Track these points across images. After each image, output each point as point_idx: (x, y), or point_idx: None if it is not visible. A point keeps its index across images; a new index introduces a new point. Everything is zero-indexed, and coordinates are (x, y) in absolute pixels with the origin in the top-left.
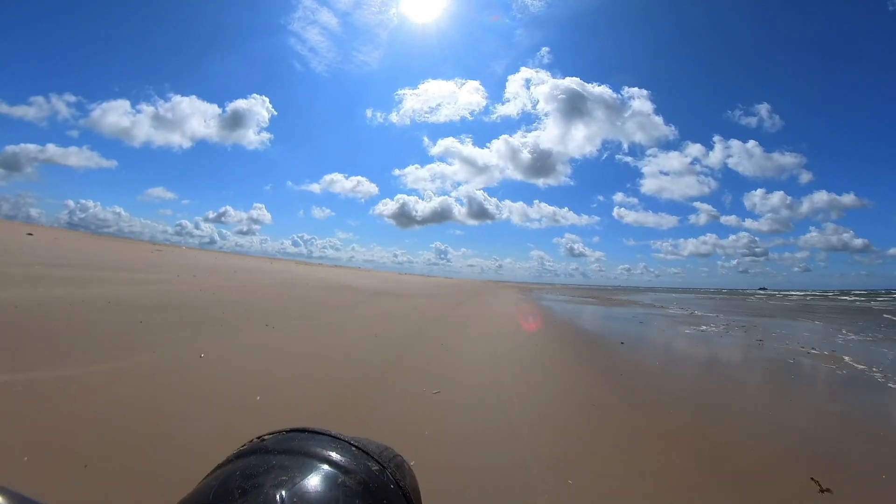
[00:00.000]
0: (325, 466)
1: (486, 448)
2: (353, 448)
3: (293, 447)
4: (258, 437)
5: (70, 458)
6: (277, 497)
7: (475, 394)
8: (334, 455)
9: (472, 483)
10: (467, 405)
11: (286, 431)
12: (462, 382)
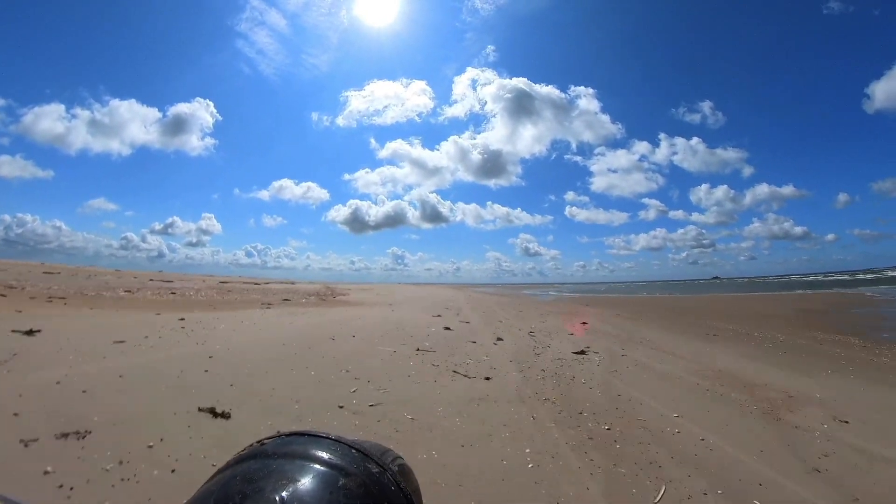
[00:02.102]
0: (326, 469)
1: None
2: (354, 451)
3: (293, 451)
4: (258, 442)
5: None
6: (278, 500)
7: None
8: (335, 458)
9: None
10: None
11: (286, 435)
12: None
